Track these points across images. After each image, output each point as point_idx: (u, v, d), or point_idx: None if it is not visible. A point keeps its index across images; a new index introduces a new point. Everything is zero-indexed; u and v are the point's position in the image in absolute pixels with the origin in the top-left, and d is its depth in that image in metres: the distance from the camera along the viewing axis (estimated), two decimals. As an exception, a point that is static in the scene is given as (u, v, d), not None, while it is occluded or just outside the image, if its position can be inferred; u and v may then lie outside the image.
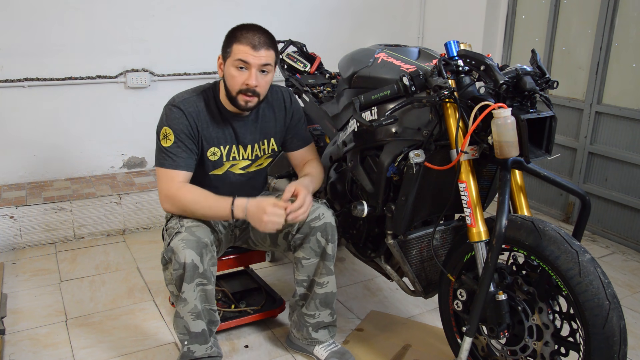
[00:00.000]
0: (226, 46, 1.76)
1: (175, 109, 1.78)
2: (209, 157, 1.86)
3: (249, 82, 1.73)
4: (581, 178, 3.28)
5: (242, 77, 1.73)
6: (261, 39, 1.73)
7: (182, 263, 1.66)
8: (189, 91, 1.86)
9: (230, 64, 1.74)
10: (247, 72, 1.73)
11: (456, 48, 1.61)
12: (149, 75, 3.43)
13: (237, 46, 1.72)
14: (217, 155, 1.87)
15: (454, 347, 1.85)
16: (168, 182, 1.76)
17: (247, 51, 1.71)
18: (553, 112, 1.54)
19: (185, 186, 1.77)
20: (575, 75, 3.30)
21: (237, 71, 1.73)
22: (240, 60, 1.71)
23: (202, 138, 1.82)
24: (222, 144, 1.87)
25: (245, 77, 1.73)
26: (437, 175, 1.71)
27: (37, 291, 2.49)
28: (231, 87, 1.76)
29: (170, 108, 1.80)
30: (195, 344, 1.81)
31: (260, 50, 1.72)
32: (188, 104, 1.80)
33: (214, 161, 1.88)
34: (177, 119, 1.77)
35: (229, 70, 1.75)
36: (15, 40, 3.05)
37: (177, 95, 1.84)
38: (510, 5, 3.68)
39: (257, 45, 1.71)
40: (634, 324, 2.29)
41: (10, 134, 3.16)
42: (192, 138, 1.80)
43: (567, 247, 1.45)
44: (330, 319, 2.00)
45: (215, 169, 1.90)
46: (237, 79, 1.74)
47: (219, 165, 1.89)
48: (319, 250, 1.89)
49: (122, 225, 3.16)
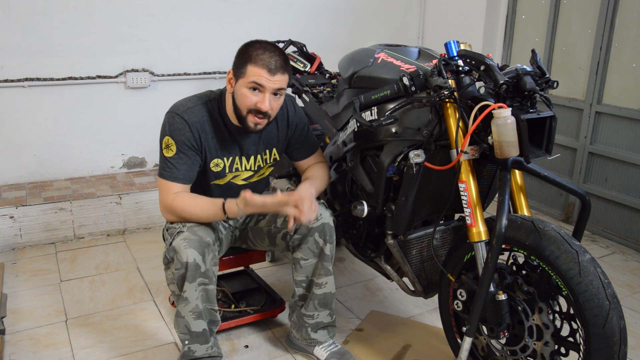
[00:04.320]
0: (240, 65, 1.69)
1: (178, 119, 1.74)
2: (211, 168, 1.85)
3: (260, 105, 1.69)
4: (581, 178, 3.28)
5: (254, 98, 1.69)
6: (278, 62, 1.67)
7: (184, 262, 1.66)
8: (193, 99, 1.81)
9: (243, 85, 1.69)
10: (260, 94, 1.69)
11: (456, 48, 1.61)
12: (149, 75, 3.43)
13: (252, 68, 1.66)
14: (219, 167, 1.86)
15: (454, 347, 1.85)
16: (165, 193, 1.76)
17: (262, 74, 1.66)
18: (553, 112, 1.54)
19: (179, 196, 1.75)
20: (575, 75, 3.30)
21: (250, 92, 1.69)
22: (254, 82, 1.67)
23: (205, 149, 1.80)
24: (225, 155, 1.85)
25: (259, 100, 1.69)
26: (437, 175, 1.71)
27: (37, 291, 2.49)
28: (242, 105, 1.72)
29: (173, 116, 1.75)
30: (196, 344, 1.81)
31: (276, 75, 1.67)
32: (192, 114, 1.76)
33: (216, 172, 1.87)
34: (180, 130, 1.74)
35: (240, 90, 1.70)
36: (15, 40, 3.05)
37: (180, 103, 1.78)
38: (510, 5, 3.68)
39: (274, 69, 1.66)
40: (634, 324, 2.29)
41: (11, 134, 3.16)
42: (195, 149, 1.77)
43: (567, 247, 1.45)
44: (330, 320, 2.00)
45: (217, 180, 1.89)
46: (249, 99, 1.69)
47: (221, 176, 1.89)
48: (317, 251, 1.89)
49: (122, 225, 3.16)
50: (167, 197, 1.76)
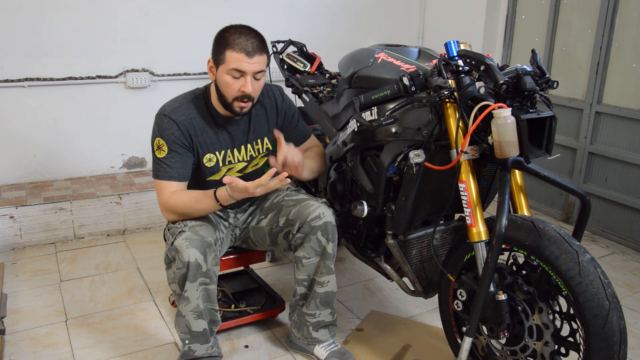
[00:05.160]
0: (218, 52, 1.73)
1: (166, 119, 1.78)
2: (205, 163, 1.87)
3: (244, 89, 1.73)
4: (581, 178, 3.28)
5: (237, 84, 1.73)
6: (254, 44, 1.71)
7: (185, 262, 1.67)
8: (179, 99, 1.84)
9: (224, 71, 1.72)
10: (242, 79, 1.73)
11: (456, 48, 1.61)
12: (149, 75, 3.43)
13: (230, 53, 1.70)
14: (213, 162, 1.88)
15: (454, 347, 1.85)
16: (162, 193, 1.79)
17: (241, 59, 1.69)
18: (553, 112, 1.54)
19: (175, 194, 1.78)
20: (575, 75, 3.30)
21: (231, 79, 1.72)
22: (235, 69, 1.70)
23: (196, 145, 1.83)
24: (217, 149, 1.88)
25: (241, 84, 1.73)
26: (437, 175, 1.71)
27: (37, 291, 2.49)
28: (227, 94, 1.75)
29: (161, 118, 1.79)
30: (197, 344, 1.81)
31: (254, 57, 1.70)
32: (179, 113, 1.79)
33: (210, 167, 1.88)
34: (169, 130, 1.77)
35: (222, 77, 1.74)
36: (15, 40, 3.05)
37: (167, 104, 1.83)
38: (510, 5, 3.68)
39: (251, 51, 1.70)
40: (634, 324, 2.29)
41: (10, 134, 3.16)
42: (186, 147, 1.80)
43: (567, 247, 1.45)
44: (331, 319, 2.00)
45: (212, 175, 1.91)
46: (232, 87, 1.73)
47: (215, 170, 1.90)
48: (319, 250, 1.89)
49: (122, 225, 3.16)
50: (164, 196, 1.79)
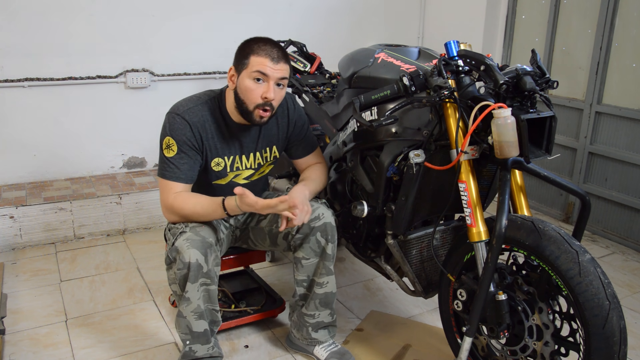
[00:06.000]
0: (242, 58, 1.73)
1: (179, 119, 1.75)
2: (212, 167, 1.86)
3: (267, 95, 1.71)
4: (581, 178, 3.28)
5: (259, 89, 1.71)
6: (279, 53, 1.72)
7: (186, 262, 1.67)
8: (193, 99, 1.82)
9: (247, 76, 1.71)
10: (264, 84, 1.71)
11: (456, 48, 1.61)
12: (149, 75, 3.43)
13: (255, 58, 1.70)
14: (220, 166, 1.87)
15: (454, 347, 1.85)
16: (166, 193, 1.77)
17: (266, 63, 1.69)
18: (553, 112, 1.54)
19: (180, 195, 1.76)
20: (575, 75, 3.30)
21: (254, 84, 1.71)
22: (259, 72, 1.69)
23: (206, 148, 1.81)
24: (227, 154, 1.86)
25: (263, 90, 1.71)
26: (437, 175, 1.71)
27: (37, 291, 2.49)
28: (248, 100, 1.73)
29: (173, 117, 1.76)
30: (197, 344, 1.81)
31: (279, 64, 1.71)
32: (193, 114, 1.77)
33: (217, 171, 1.87)
34: (181, 130, 1.75)
35: (244, 83, 1.72)
36: (15, 40, 3.05)
37: (181, 103, 1.80)
38: (510, 5, 3.68)
39: (276, 58, 1.70)
40: (634, 324, 2.29)
41: (10, 134, 3.16)
42: (196, 149, 1.78)
43: (567, 247, 1.45)
44: (330, 319, 2.00)
45: (218, 179, 1.90)
46: (254, 92, 1.71)
47: (222, 175, 1.89)
48: (318, 250, 1.89)
49: (122, 225, 3.16)
50: (168, 196, 1.77)
